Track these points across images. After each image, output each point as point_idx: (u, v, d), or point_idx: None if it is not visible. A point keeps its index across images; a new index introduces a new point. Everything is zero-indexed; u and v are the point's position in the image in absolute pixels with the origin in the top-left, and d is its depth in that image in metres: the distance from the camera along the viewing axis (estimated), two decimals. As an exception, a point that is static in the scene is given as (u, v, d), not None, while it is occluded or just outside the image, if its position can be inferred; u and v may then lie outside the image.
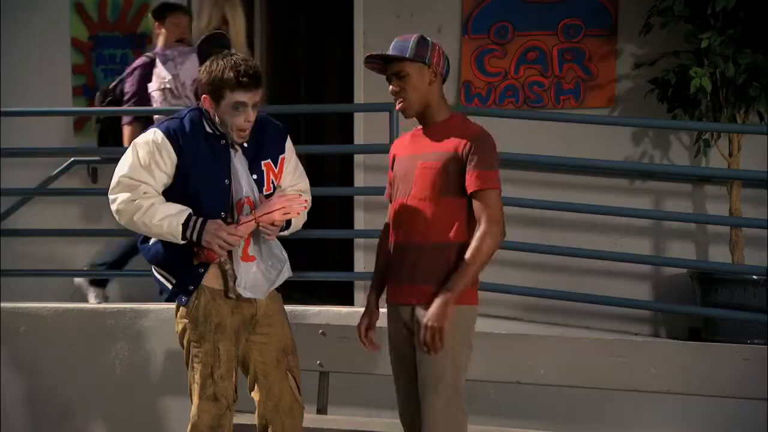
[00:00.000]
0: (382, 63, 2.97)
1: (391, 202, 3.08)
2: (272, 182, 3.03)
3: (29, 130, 5.46)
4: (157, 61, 4.82)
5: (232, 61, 2.90)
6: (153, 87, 4.81)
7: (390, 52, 2.92)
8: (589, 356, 3.62)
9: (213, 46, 4.60)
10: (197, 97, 4.62)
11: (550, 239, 4.98)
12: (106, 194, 2.98)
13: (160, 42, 4.97)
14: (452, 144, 2.90)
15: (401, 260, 2.97)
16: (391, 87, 2.95)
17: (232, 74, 2.87)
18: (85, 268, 5.19)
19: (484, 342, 3.45)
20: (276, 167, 3.06)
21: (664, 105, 4.82)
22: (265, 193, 3.01)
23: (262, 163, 3.02)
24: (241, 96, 2.89)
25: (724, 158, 4.78)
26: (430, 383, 2.89)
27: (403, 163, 3.01)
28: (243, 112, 2.91)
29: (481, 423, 3.15)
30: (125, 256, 5.07)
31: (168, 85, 4.75)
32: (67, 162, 5.53)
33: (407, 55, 2.89)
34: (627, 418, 4.19)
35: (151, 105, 4.88)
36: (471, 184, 2.86)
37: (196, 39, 4.70)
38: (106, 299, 5.09)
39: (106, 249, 5.19)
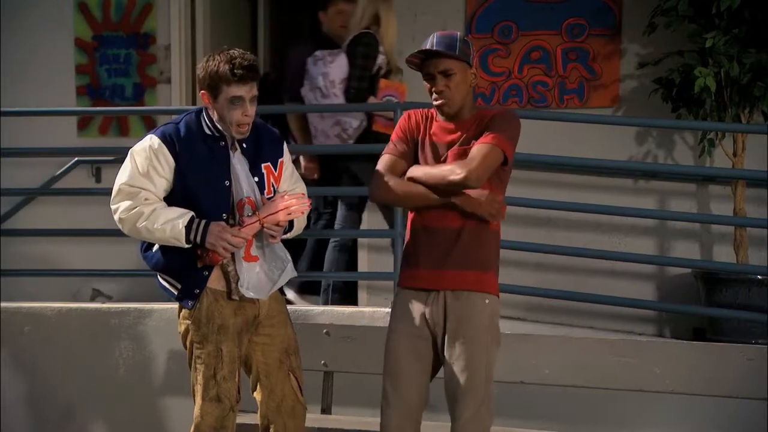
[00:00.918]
0: (421, 59, 2.90)
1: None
2: (272, 185, 3.03)
3: (33, 130, 5.47)
4: (308, 63, 4.75)
5: (228, 55, 2.88)
6: (305, 90, 4.77)
7: (435, 47, 2.85)
8: (593, 356, 3.61)
9: (361, 45, 4.58)
10: (346, 95, 4.61)
11: (555, 239, 4.97)
12: (109, 194, 2.98)
13: (328, 33, 4.84)
14: (478, 126, 2.90)
15: (430, 244, 2.90)
16: (434, 86, 2.88)
17: (227, 68, 2.85)
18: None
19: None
20: (275, 170, 3.05)
21: (668, 105, 4.81)
22: (266, 196, 2.99)
23: (262, 165, 3.02)
24: (237, 90, 2.87)
25: (729, 158, 4.77)
26: (464, 387, 2.85)
27: (430, 148, 2.95)
28: (240, 106, 2.89)
29: (486, 423, 3.14)
30: (315, 257, 4.96)
31: (318, 85, 4.71)
32: (71, 162, 5.54)
33: (456, 53, 2.86)
34: (631, 418, 4.18)
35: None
36: (478, 141, 2.84)
37: (347, 38, 4.70)
38: (110, 299, 5.10)
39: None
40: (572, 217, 5.10)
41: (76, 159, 5.54)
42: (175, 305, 3.07)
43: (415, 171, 2.92)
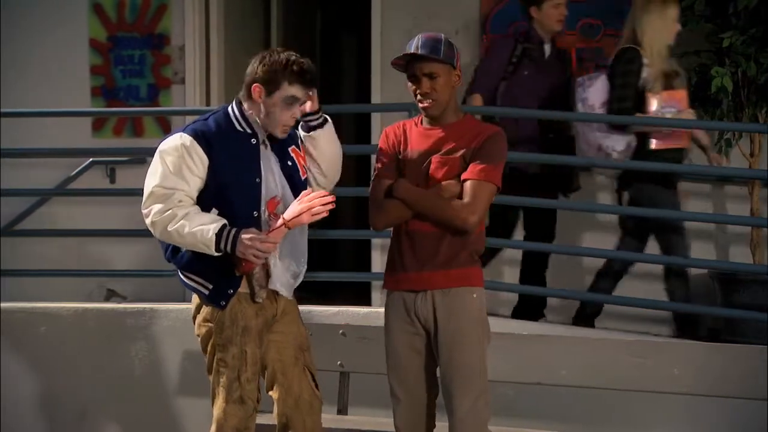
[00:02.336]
0: (406, 60, 2.94)
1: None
2: (304, 167, 3.04)
3: (48, 130, 5.49)
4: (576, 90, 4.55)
5: (294, 57, 2.89)
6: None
7: (420, 50, 2.90)
8: (610, 357, 3.61)
9: (622, 62, 4.40)
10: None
11: (569, 239, 4.95)
12: (124, 194, 2.97)
13: (539, 29, 4.64)
14: (468, 140, 2.94)
15: (413, 248, 2.95)
16: (419, 88, 2.93)
17: (295, 68, 2.86)
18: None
19: (504, 342, 3.44)
20: (301, 151, 3.07)
21: (684, 104, 4.79)
22: (302, 177, 3.00)
23: (289, 149, 3.03)
24: (297, 91, 2.89)
25: (746, 158, 4.75)
26: (460, 381, 2.89)
27: (410, 156, 2.99)
28: (293, 107, 2.91)
29: (501, 424, 3.14)
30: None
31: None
32: (86, 162, 5.56)
33: (440, 56, 2.90)
34: (648, 419, 4.16)
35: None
36: (469, 172, 2.89)
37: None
38: (124, 299, 5.12)
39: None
40: (587, 218, 5.08)
41: (90, 160, 5.55)
42: (190, 305, 3.07)
43: (408, 194, 2.92)
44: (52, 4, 5.74)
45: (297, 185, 3.01)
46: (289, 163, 2.99)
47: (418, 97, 2.95)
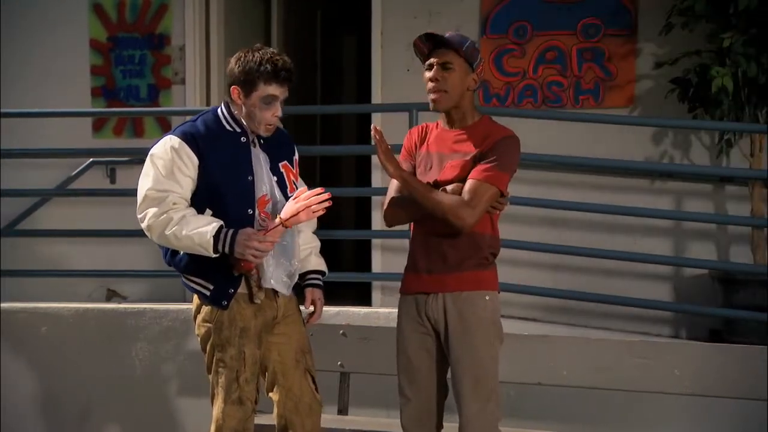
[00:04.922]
0: (429, 48, 2.92)
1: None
2: (293, 182, 3.04)
3: (48, 131, 5.49)
4: None
5: (269, 55, 2.89)
6: None
7: (446, 37, 2.88)
8: (611, 358, 3.61)
9: None
10: None
11: (570, 240, 4.96)
12: (124, 195, 2.98)
13: None
14: (480, 142, 2.91)
15: (427, 249, 2.95)
16: (431, 74, 2.89)
17: (269, 67, 2.86)
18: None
19: (505, 343, 3.42)
20: (293, 168, 3.07)
21: (685, 105, 4.79)
22: (289, 194, 2.99)
23: (280, 165, 3.02)
24: (274, 89, 2.89)
25: (746, 158, 4.75)
26: (470, 382, 2.89)
27: (425, 157, 2.98)
28: (272, 106, 2.91)
29: (502, 424, 3.13)
30: None
31: None
32: (86, 163, 5.56)
33: (462, 49, 2.88)
34: (649, 420, 4.17)
35: None
36: (473, 172, 2.86)
37: None
38: (125, 299, 5.12)
39: None
40: (588, 218, 5.08)
41: (91, 160, 5.56)
42: (191, 305, 3.07)
43: (404, 180, 2.89)
44: (52, 4, 5.74)
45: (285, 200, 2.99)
46: (276, 178, 2.99)
47: (429, 86, 2.91)
